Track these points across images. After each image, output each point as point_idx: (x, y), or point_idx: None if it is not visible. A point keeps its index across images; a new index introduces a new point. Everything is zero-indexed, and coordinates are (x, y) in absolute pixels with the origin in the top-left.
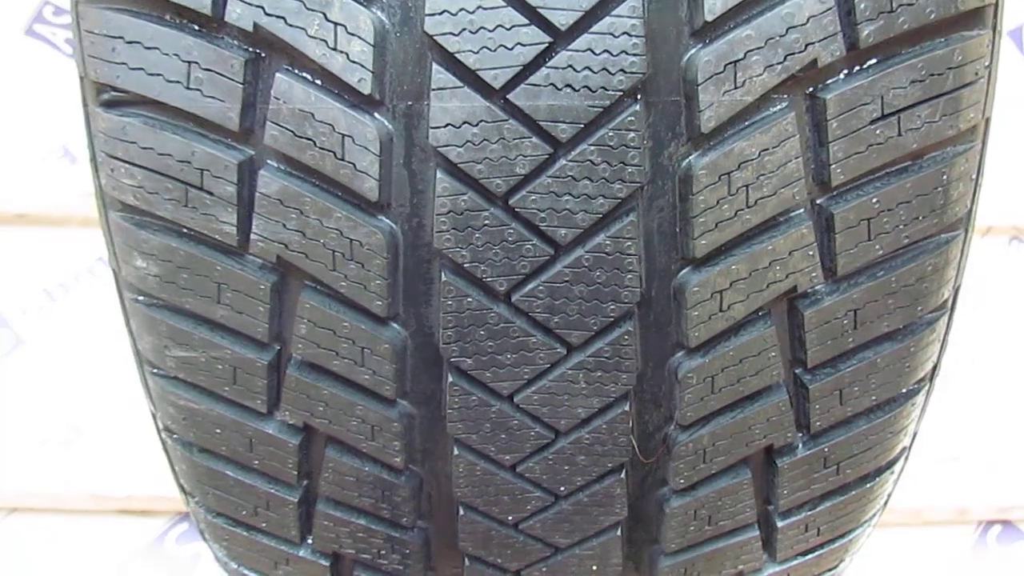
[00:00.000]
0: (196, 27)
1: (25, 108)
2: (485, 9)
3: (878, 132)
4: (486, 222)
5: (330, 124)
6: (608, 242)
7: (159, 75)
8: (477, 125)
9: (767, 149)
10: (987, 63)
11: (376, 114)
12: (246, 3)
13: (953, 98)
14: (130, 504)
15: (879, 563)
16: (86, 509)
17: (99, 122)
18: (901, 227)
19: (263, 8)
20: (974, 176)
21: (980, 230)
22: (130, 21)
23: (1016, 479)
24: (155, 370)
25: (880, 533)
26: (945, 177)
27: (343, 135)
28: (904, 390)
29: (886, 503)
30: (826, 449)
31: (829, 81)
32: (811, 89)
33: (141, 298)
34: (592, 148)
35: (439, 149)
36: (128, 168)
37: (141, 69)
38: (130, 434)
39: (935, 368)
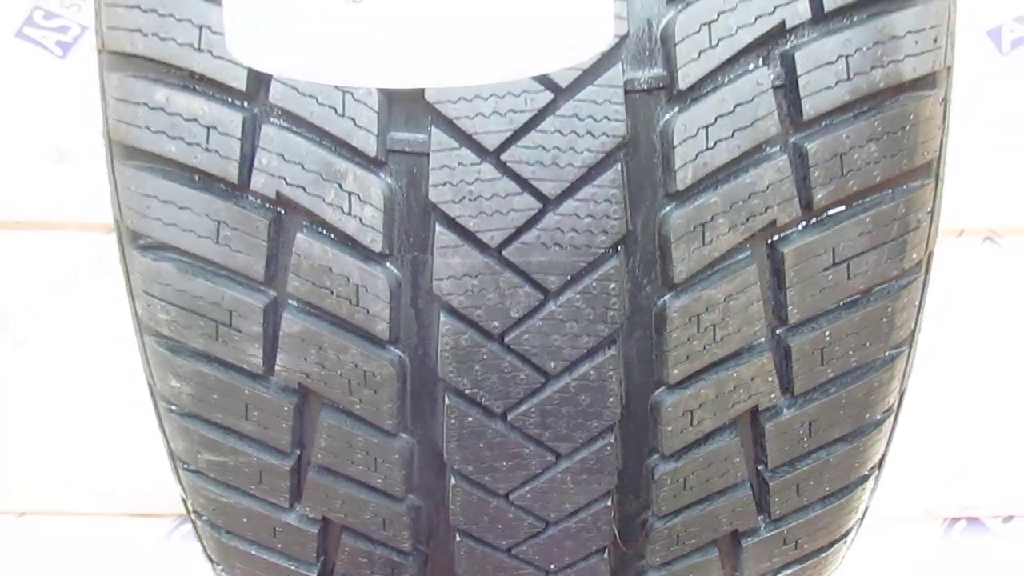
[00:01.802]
0: (224, 191)
1: (17, 111)
2: (483, 181)
3: (830, 277)
4: (484, 356)
5: (346, 276)
6: (592, 371)
7: (191, 231)
8: (476, 277)
9: (732, 295)
10: (930, 208)
11: (387, 264)
12: (269, 174)
13: (898, 243)
14: (138, 506)
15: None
16: (93, 512)
17: (135, 263)
18: (851, 352)
19: (284, 179)
20: (917, 302)
21: (953, 231)
22: (164, 183)
23: (985, 479)
24: (187, 466)
25: None
26: (890, 309)
27: (357, 285)
28: (855, 479)
29: (840, 562)
30: (785, 530)
31: (787, 235)
32: (771, 242)
33: (175, 407)
34: (578, 296)
35: (443, 297)
36: (163, 304)
37: (175, 225)
38: (132, 435)
39: (883, 457)
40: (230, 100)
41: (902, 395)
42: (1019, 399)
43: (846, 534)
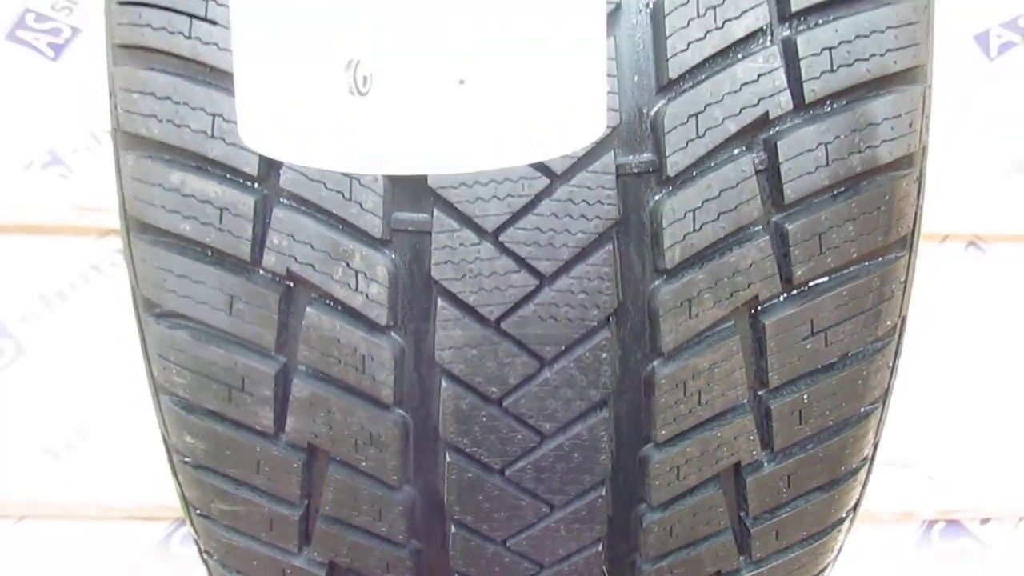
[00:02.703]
0: (237, 267)
1: (9, 114)
2: (482, 259)
3: (808, 346)
4: (483, 418)
5: (353, 346)
6: (585, 432)
7: (205, 303)
8: (476, 347)
9: (716, 363)
10: (903, 278)
11: (391, 334)
12: (279, 253)
13: (873, 312)
14: (137, 511)
15: None
16: (93, 515)
17: (151, 329)
18: (827, 412)
19: (294, 257)
20: (891, 363)
21: (937, 237)
22: (179, 259)
23: (964, 481)
24: (200, 512)
25: None
26: (865, 372)
27: (364, 355)
28: (832, 522)
29: None
30: (765, 570)
31: (768, 308)
32: (753, 313)
33: (188, 460)
34: (572, 364)
35: (444, 365)
36: (178, 368)
37: (189, 297)
38: (134, 440)
39: (858, 501)
40: (242, 183)
41: (876, 445)
42: (999, 403)
43: (823, 570)
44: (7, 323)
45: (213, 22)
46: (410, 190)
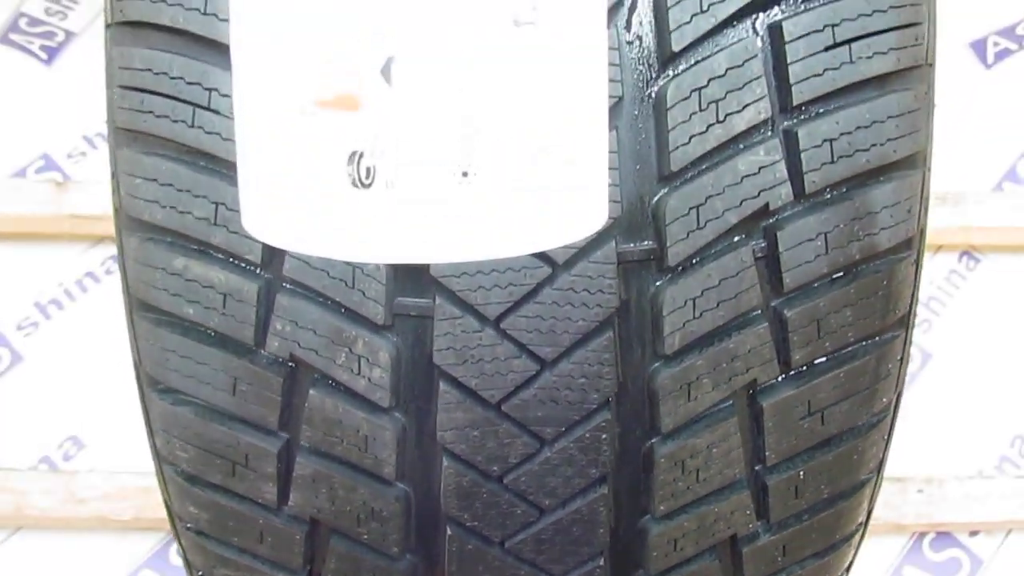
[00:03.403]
0: (240, 350)
1: (3, 118)
2: (484, 346)
3: (805, 425)
4: (484, 494)
5: (355, 427)
6: (584, 507)
7: (208, 384)
8: (477, 429)
9: (714, 443)
10: (900, 356)
11: (394, 414)
12: (283, 338)
13: (869, 391)
14: (135, 522)
15: None
16: (91, 526)
17: (154, 404)
18: (823, 486)
19: (298, 343)
20: (885, 437)
21: (930, 247)
22: (182, 340)
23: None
24: (201, 574)
25: None
26: (861, 447)
27: (366, 435)
28: None
29: None
30: None
31: (766, 390)
32: (751, 395)
33: (191, 526)
34: (572, 444)
35: (446, 445)
36: (181, 444)
37: (193, 377)
38: (132, 450)
39: (851, 563)
40: (246, 269)
41: (870, 512)
42: (987, 412)
43: None
44: (3, 331)
45: (216, 112)
46: (413, 276)
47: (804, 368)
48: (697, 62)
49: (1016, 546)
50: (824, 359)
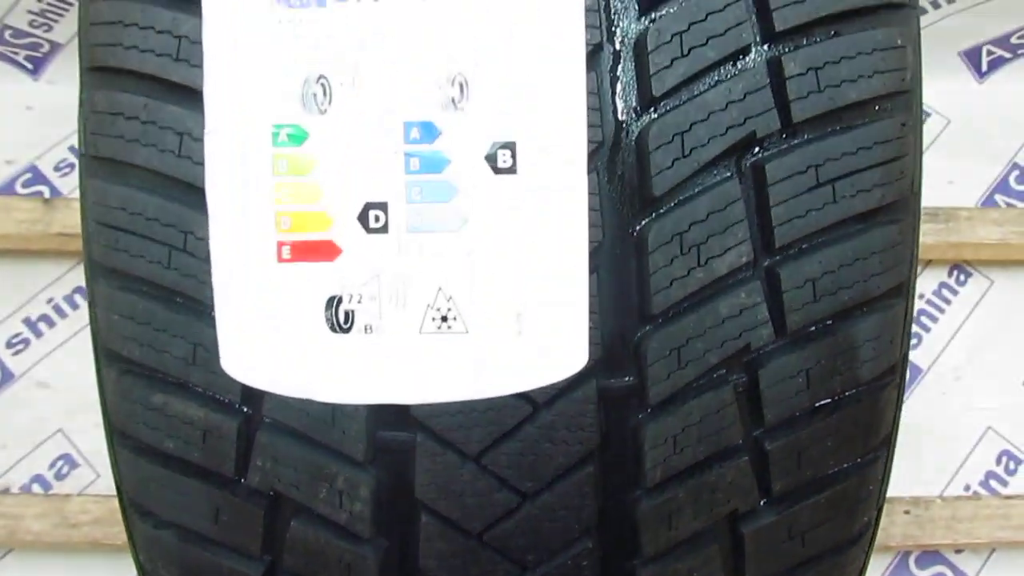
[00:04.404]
0: (221, 483)
1: None
2: (465, 481)
3: (784, 547)
4: None
5: (338, 557)
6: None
7: (190, 512)
8: (459, 557)
9: (695, 567)
10: (881, 476)
11: (376, 542)
12: (264, 473)
13: (849, 513)
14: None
15: None
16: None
17: (137, 528)
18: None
19: (279, 478)
20: (867, 549)
21: (920, 262)
22: (163, 471)
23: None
24: None
25: None
26: (841, 563)
27: (348, 563)
28: None
29: None
30: None
31: (747, 518)
32: (732, 522)
33: None
34: (553, 569)
35: (428, 573)
36: (165, 564)
37: (174, 507)
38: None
39: None
40: (225, 407)
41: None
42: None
43: None
44: None
45: (192, 255)
46: (394, 412)
47: (784, 496)
48: (678, 204)
49: (1000, 563)
50: (805, 486)
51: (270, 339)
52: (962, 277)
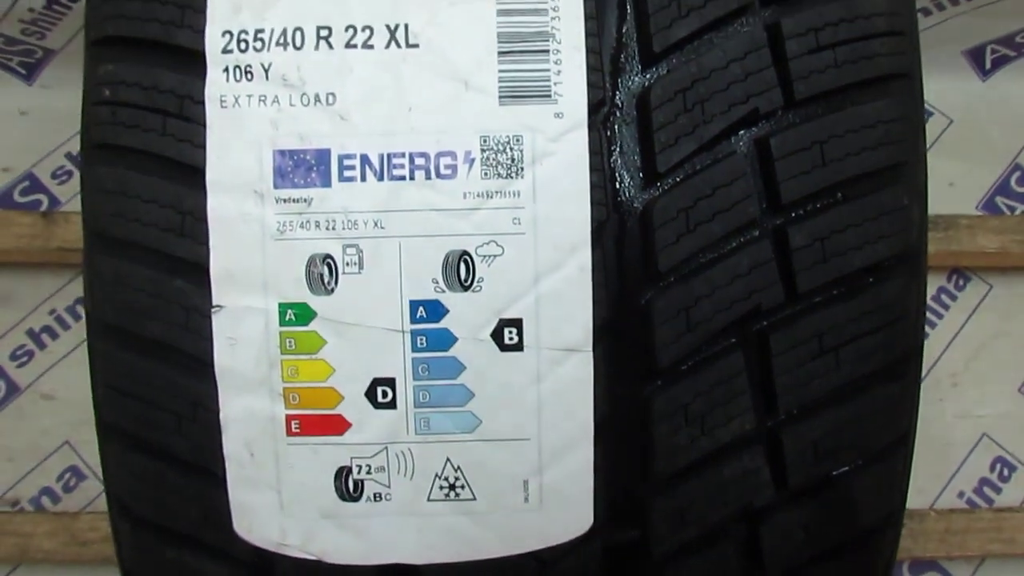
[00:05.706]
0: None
1: None
2: None
3: None
4: None
5: None
6: None
7: None
8: None
9: None
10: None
11: None
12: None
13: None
14: None
15: None
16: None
17: None
18: None
19: None
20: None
21: None
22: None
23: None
24: None
25: None
26: None
27: None
28: None
29: None
30: None
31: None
32: None
33: None
34: None
35: None
36: None
37: None
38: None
39: None
40: (237, 564)
41: None
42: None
43: None
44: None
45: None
46: (403, 573)
47: None
48: (685, 373)
49: (992, 572)
50: None
51: (280, 505)
52: (960, 282)
